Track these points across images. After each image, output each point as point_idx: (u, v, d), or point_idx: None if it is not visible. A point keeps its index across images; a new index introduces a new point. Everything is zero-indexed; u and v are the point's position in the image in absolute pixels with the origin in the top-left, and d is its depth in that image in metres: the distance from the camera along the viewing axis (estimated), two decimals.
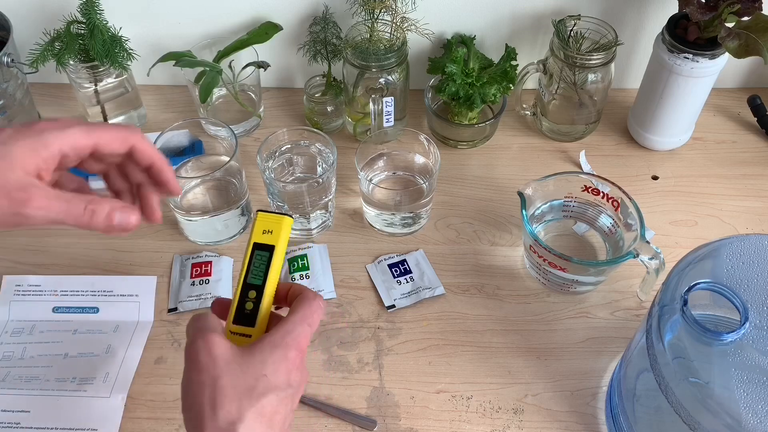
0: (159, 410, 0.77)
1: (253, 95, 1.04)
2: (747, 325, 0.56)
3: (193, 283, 0.86)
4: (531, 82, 1.01)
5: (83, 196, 0.52)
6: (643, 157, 1.01)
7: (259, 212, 0.59)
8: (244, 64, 0.97)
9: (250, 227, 0.60)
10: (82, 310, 0.84)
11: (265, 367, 0.52)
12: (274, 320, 0.57)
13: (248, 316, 0.58)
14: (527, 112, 1.03)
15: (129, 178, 0.59)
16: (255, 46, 0.97)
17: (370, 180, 0.91)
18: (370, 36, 0.92)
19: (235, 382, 0.51)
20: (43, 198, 0.50)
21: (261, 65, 0.97)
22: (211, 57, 0.97)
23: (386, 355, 0.81)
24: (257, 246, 0.59)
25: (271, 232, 0.59)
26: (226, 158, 0.87)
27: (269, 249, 0.59)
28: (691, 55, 0.87)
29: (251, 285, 0.58)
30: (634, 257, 0.77)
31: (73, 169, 0.57)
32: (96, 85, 0.97)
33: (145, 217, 0.58)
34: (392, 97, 0.92)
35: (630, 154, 1.01)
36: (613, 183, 0.83)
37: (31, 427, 0.75)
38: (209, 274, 0.87)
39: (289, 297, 0.58)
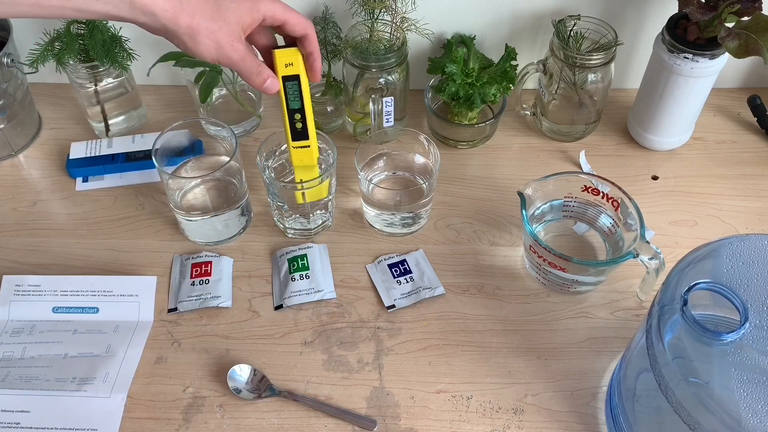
0: (159, 410, 0.77)
1: (252, 95, 1.04)
2: (747, 325, 0.56)
3: (193, 283, 0.86)
4: (531, 82, 1.01)
5: (256, 61, 0.68)
6: (643, 157, 1.01)
7: (275, 51, 0.71)
8: None
9: (273, 67, 0.72)
10: (82, 310, 0.84)
11: None
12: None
13: (301, 132, 0.76)
14: (527, 112, 1.03)
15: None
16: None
17: (370, 180, 0.91)
18: (370, 36, 0.92)
19: None
20: (242, 51, 0.67)
21: None
22: None
23: (386, 355, 0.81)
24: (286, 78, 0.72)
25: (292, 64, 0.72)
26: (226, 158, 0.87)
27: (296, 78, 0.72)
28: (691, 55, 0.87)
29: (294, 110, 0.74)
30: (634, 257, 0.77)
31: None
32: (96, 85, 0.97)
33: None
34: (392, 97, 0.92)
35: (630, 154, 1.01)
36: (613, 183, 0.83)
37: (31, 427, 0.75)
38: (209, 274, 0.87)
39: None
